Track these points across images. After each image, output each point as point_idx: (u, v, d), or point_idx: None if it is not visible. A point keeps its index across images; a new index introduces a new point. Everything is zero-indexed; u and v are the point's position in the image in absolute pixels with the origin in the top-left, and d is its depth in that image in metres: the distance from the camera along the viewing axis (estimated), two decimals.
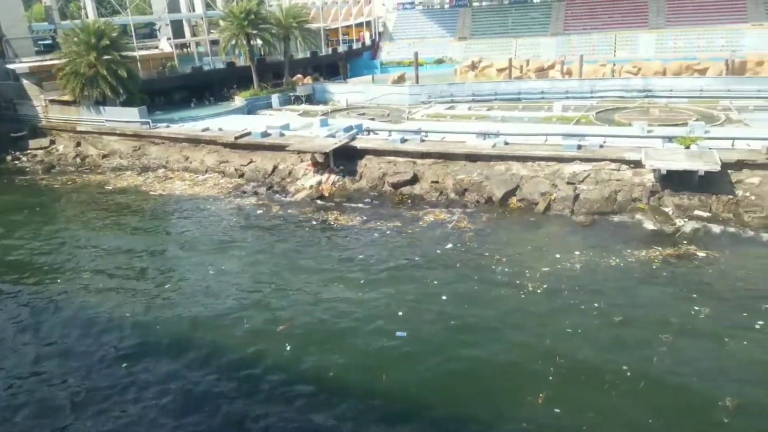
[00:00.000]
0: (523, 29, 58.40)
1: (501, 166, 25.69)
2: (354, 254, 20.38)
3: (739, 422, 11.59)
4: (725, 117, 30.29)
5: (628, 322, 15.20)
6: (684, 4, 54.06)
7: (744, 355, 13.58)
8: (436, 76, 49.11)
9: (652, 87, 37.47)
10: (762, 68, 40.24)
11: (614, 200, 22.46)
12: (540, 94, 39.37)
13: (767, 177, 21.91)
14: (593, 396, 12.64)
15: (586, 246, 19.68)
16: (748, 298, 15.84)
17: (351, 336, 15.45)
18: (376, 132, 30.91)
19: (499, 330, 15.28)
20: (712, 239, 19.56)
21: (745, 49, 46.62)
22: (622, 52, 51.69)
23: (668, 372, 13.21)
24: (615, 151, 24.64)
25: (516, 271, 18.26)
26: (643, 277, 17.48)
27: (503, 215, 23.13)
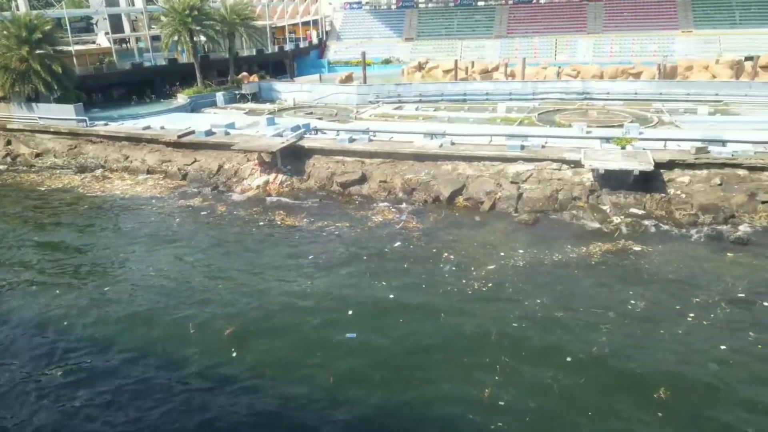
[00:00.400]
0: (468, 31, 59.53)
1: (448, 166, 26.11)
2: (302, 254, 20.25)
3: (673, 403, 12.24)
4: (658, 119, 31.82)
5: (570, 314, 15.79)
6: (620, 11, 56.50)
7: (677, 342, 14.33)
8: (384, 76, 49.33)
9: (591, 90, 38.92)
10: (691, 73, 42.48)
11: (556, 199, 23.21)
12: (485, 95, 40.20)
13: (696, 176, 23.19)
14: (537, 385, 13.05)
15: (529, 243, 20.27)
16: (680, 290, 16.74)
17: (299, 337, 15.34)
18: (324, 131, 30.79)
19: (448, 326, 15.53)
20: (647, 235, 20.54)
21: (676, 54, 49.19)
22: (562, 55, 53.48)
23: (607, 359, 13.83)
24: (556, 151, 25.48)
25: (463, 268, 18.62)
26: (583, 271, 18.17)
27: (450, 214, 23.51)
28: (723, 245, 19.52)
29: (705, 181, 22.87)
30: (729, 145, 24.21)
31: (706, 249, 19.38)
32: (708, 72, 42.26)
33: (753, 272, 17.54)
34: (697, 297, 16.25)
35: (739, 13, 52.62)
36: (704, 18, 53.28)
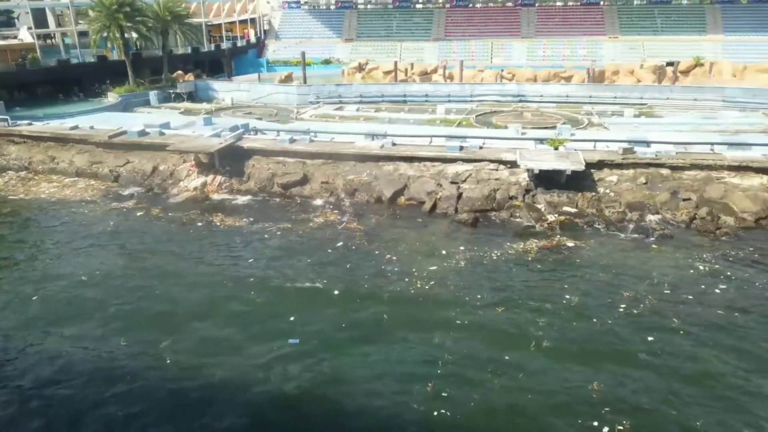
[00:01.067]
0: (407, 33, 60.20)
1: (389, 167, 26.31)
2: (243, 257, 19.89)
3: (607, 391, 12.84)
4: (588, 121, 33.27)
5: (510, 309, 16.28)
6: (551, 17, 58.67)
7: (609, 332, 15.05)
8: (324, 77, 49.15)
9: (525, 92, 40.23)
10: (617, 77, 44.71)
11: (494, 198, 23.85)
12: (424, 96, 40.79)
13: (623, 175, 24.43)
14: (479, 382, 13.37)
15: (469, 241, 20.73)
16: (611, 283, 17.58)
17: (241, 343, 15.05)
18: (263, 132, 30.34)
19: (391, 327, 15.65)
20: (579, 232, 21.44)
21: (604, 59, 51.59)
22: (497, 58, 54.97)
23: (545, 351, 14.35)
24: (493, 152, 26.18)
25: (405, 268, 18.81)
26: (521, 267, 18.78)
27: (393, 214, 23.70)
28: (649, 240, 20.64)
29: (632, 180, 24.13)
30: (653, 146, 25.66)
31: (634, 244, 20.44)
32: (633, 76, 44.63)
33: (676, 265, 18.66)
34: (626, 289, 17.12)
35: (660, 21, 55.79)
36: (629, 25, 56.16)
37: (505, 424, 12.28)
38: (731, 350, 14.27)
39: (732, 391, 12.89)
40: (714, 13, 55.22)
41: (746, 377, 13.31)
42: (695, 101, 37.07)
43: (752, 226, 21.40)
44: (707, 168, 24.12)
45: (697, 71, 45.63)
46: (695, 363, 13.85)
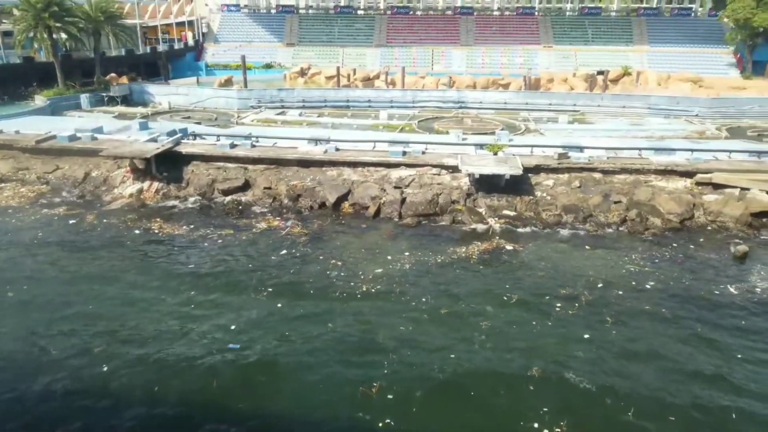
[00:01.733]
0: (349, 39, 60.39)
1: (333, 172, 26.30)
2: (182, 264, 19.34)
3: (543, 389, 13.30)
4: (525, 127, 34.41)
5: (453, 310, 16.60)
6: (488, 26, 60.34)
7: (547, 332, 15.60)
8: (266, 81, 48.57)
9: (465, 99, 41.20)
10: (552, 84, 46.49)
11: (436, 203, 24.25)
12: (367, 102, 41.04)
13: (559, 180, 25.41)
14: (422, 382, 13.56)
15: (414, 246, 20.99)
16: (548, 283, 18.22)
17: (180, 353, 14.63)
18: (203, 137, 29.69)
19: (335, 332, 15.62)
20: (518, 235, 22.11)
21: (539, 67, 53.50)
22: (438, 65, 55.99)
23: (487, 350, 14.72)
24: (435, 157, 26.65)
25: (351, 274, 18.84)
26: (464, 270, 19.17)
27: (337, 220, 23.68)
28: (583, 242, 21.54)
29: (567, 184, 25.13)
30: (586, 151, 26.85)
31: (570, 245, 21.28)
32: (567, 84, 46.52)
33: (609, 265, 19.55)
34: (563, 289, 17.79)
35: (591, 32, 58.42)
36: (562, 35, 58.50)
37: (450, 422, 12.50)
38: (659, 339, 15.12)
39: (662, 375, 13.64)
40: (640, 25, 58.35)
41: (674, 364, 14.12)
42: (624, 108, 39.04)
43: (677, 227, 22.71)
44: (636, 172, 25.44)
45: (625, 80, 48.09)
46: (627, 354, 14.56)
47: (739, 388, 13.33)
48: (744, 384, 13.48)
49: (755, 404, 12.84)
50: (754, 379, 13.68)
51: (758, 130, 33.51)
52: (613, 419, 12.47)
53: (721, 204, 23.43)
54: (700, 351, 14.77)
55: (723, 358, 14.46)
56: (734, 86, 45.73)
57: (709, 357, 14.50)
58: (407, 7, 63.81)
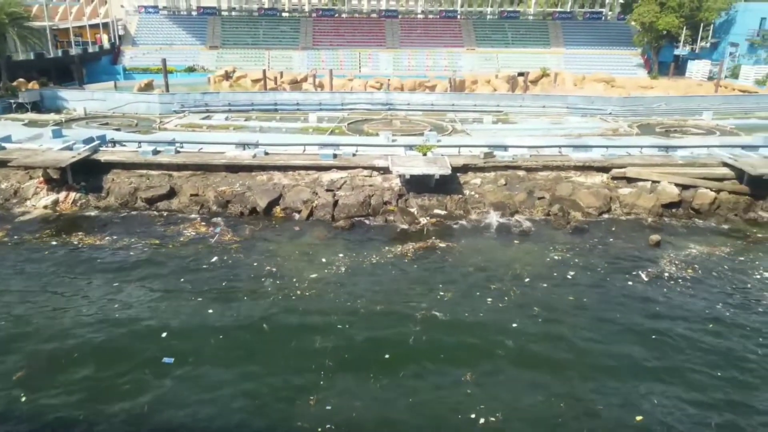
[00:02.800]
0: (275, 42, 59.59)
1: (263, 176, 25.88)
2: (107, 276, 18.45)
3: (480, 379, 13.67)
4: (452, 128, 35.20)
5: (389, 309, 16.78)
6: (413, 29, 61.29)
7: (479, 324, 16.06)
8: (189, 85, 47.13)
9: (393, 101, 41.60)
10: (476, 86, 47.89)
11: (369, 204, 24.39)
12: (295, 105, 40.63)
13: (486, 178, 26.20)
14: (360, 387, 13.62)
15: (348, 248, 21.02)
16: (479, 278, 18.79)
17: (110, 368, 13.96)
18: (123, 143, 28.44)
19: (271, 337, 15.42)
20: (450, 232, 22.62)
21: (463, 69, 54.91)
22: (366, 68, 56.30)
23: (422, 347, 15.02)
24: (366, 159, 26.80)
25: (285, 278, 18.62)
26: (398, 269, 19.41)
27: (269, 225, 23.32)
28: (511, 237, 22.33)
29: (493, 182, 25.95)
30: (510, 150, 27.82)
31: (498, 241, 22.01)
32: (490, 85, 48.07)
33: (535, 258, 20.39)
34: (493, 283, 18.39)
35: (511, 35, 60.60)
36: (484, 38, 60.32)
37: (388, 421, 12.62)
38: (581, 327, 15.97)
39: (585, 362, 14.41)
40: (555, 28, 61.12)
41: (596, 349, 14.95)
42: (544, 108, 40.72)
43: (596, 220, 23.99)
44: (557, 168, 26.64)
45: (544, 81, 50.28)
46: (553, 342, 15.27)
47: (650, 369, 14.30)
48: (653, 364, 14.48)
49: (665, 379, 13.79)
50: (661, 357, 14.71)
51: (665, 126, 35.93)
52: (543, 409, 13.03)
53: (634, 197, 24.96)
54: (618, 336, 15.72)
55: (638, 342, 15.44)
56: (643, 86, 48.80)
57: (625, 342, 15.44)
58: (332, 10, 63.76)
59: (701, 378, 13.95)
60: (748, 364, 14.46)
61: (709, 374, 14.07)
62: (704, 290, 18.14)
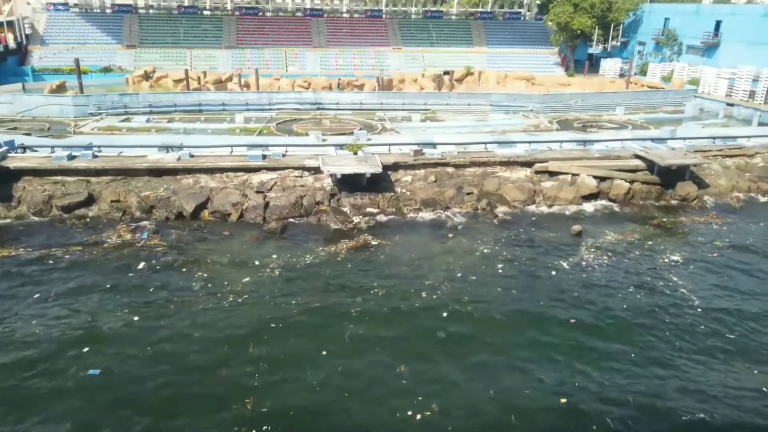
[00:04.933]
0: (197, 41, 57.78)
1: (189, 180, 25.10)
2: (24, 288, 17.31)
3: (411, 380, 13.94)
4: (381, 126, 35.50)
5: (323, 308, 16.79)
6: (339, 28, 61.22)
7: (410, 319, 16.35)
8: (105, 86, 44.91)
9: (322, 100, 41.42)
10: (404, 85, 48.45)
11: (301, 205, 24.18)
12: (221, 105, 39.64)
13: (417, 175, 26.61)
14: (297, 385, 13.56)
15: (281, 249, 20.77)
16: (413, 274, 19.11)
17: (33, 381, 13.14)
18: (34, 149, 26.67)
19: (203, 344, 15.01)
20: (382, 230, 22.82)
21: (390, 68, 55.41)
22: (293, 67, 55.68)
23: (357, 343, 15.19)
24: (297, 159, 26.56)
25: (216, 283, 18.18)
26: (332, 269, 19.39)
27: (197, 229, 22.64)
28: (442, 232, 22.81)
29: (423, 179, 26.41)
30: (439, 147, 28.37)
31: (430, 237, 22.43)
32: (417, 84, 48.78)
33: (465, 252, 20.94)
34: (426, 278, 18.75)
35: (435, 35, 61.73)
36: (409, 37, 61.12)
37: (325, 419, 12.63)
38: (509, 317, 16.63)
39: (512, 351, 15.00)
40: (478, 28, 62.83)
41: (523, 338, 15.61)
42: (469, 106, 41.82)
43: (521, 213, 24.93)
44: (483, 164, 27.46)
45: (468, 79, 51.59)
46: (483, 332, 15.80)
47: (572, 353, 15.10)
48: (575, 348, 15.30)
49: (587, 361, 14.60)
50: (581, 341, 15.56)
51: (582, 121, 37.82)
52: (473, 396, 13.46)
53: (556, 189, 26.13)
54: (543, 323, 16.48)
55: (562, 328, 16.26)
56: (561, 83, 51.09)
57: (550, 329, 16.22)
58: (256, 8, 62.55)
59: (618, 357, 14.89)
60: (659, 343, 15.54)
61: (626, 354, 15.02)
62: (619, 275, 19.31)
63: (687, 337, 15.79)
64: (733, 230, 23.21)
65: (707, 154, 29.10)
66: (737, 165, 29.03)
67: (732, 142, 31.26)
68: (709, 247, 21.55)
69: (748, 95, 40.75)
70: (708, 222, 23.94)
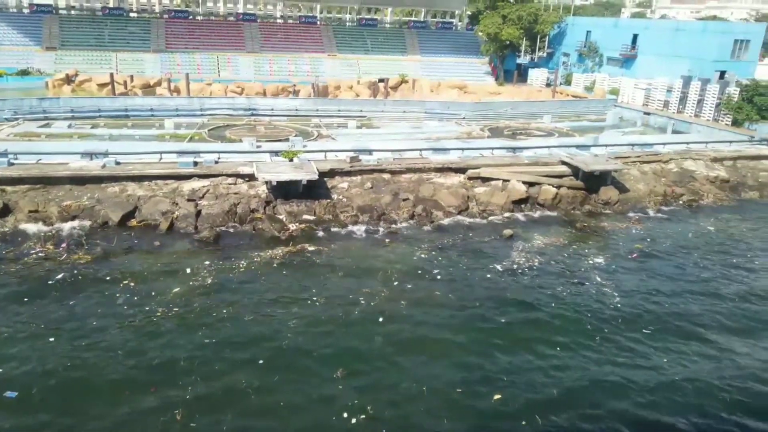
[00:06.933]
0: (123, 43, 55.54)
1: (115, 188, 24.07)
2: None
3: (347, 386, 13.95)
4: (317, 133, 35.36)
5: (259, 319, 16.51)
6: (273, 33, 60.55)
7: (351, 326, 16.35)
8: (23, 90, 42.35)
9: (256, 106, 40.80)
10: (339, 91, 48.52)
11: (235, 213, 23.68)
12: (149, 111, 38.29)
13: (353, 182, 26.67)
14: (230, 396, 13.27)
15: (215, 259, 20.24)
16: (350, 281, 19.11)
17: None
18: None
19: (129, 360, 14.39)
20: (320, 238, 22.69)
21: (325, 74, 55.29)
22: (225, 72, 54.54)
23: (296, 351, 15.06)
24: (230, 166, 26.01)
25: (146, 294, 17.50)
26: (268, 277, 19.10)
27: (124, 239, 21.70)
28: (379, 239, 22.95)
29: (360, 185, 26.50)
30: (375, 154, 28.58)
31: (367, 243, 22.51)
32: (353, 91, 48.97)
33: (402, 258, 21.16)
34: (364, 285, 18.79)
35: (370, 42, 62.19)
36: (345, 44, 61.27)
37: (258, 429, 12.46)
38: (445, 319, 16.96)
39: (447, 351, 15.32)
40: (411, 36, 63.81)
41: (457, 339, 15.95)
42: (404, 113, 42.36)
43: (456, 218, 25.43)
44: (419, 171, 27.88)
45: (403, 87, 52.29)
46: (419, 335, 16.08)
47: (503, 350, 15.59)
48: (506, 347, 15.81)
49: (517, 358, 15.12)
50: (512, 340, 16.09)
51: (512, 129, 39.13)
52: (408, 397, 13.63)
53: (489, 195, 26.88)
54: (476, 323, 16.92)
55: (494, 328, 16.76)
56: (491, 92, 52.68)
57: (483, 329, 16.68)
58: (186, 11, 60.87)
59: (546, 353, 15.49)
60: (585, 340, 16.29)
61: (554, 350, 15.64)
62: (547, 276, 20.10)
63: (606, 330, 16.72)
64: (650, 233, 24.65)
65: (627, 160, 30.78)
66: (654, 170, 30.87)
67: (649, 149, 33.23)
68: (629, 249, 22.78)
69: (663, 105, 43.52)
70: (629, 227, 25.29)
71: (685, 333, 16.83)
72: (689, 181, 30.32)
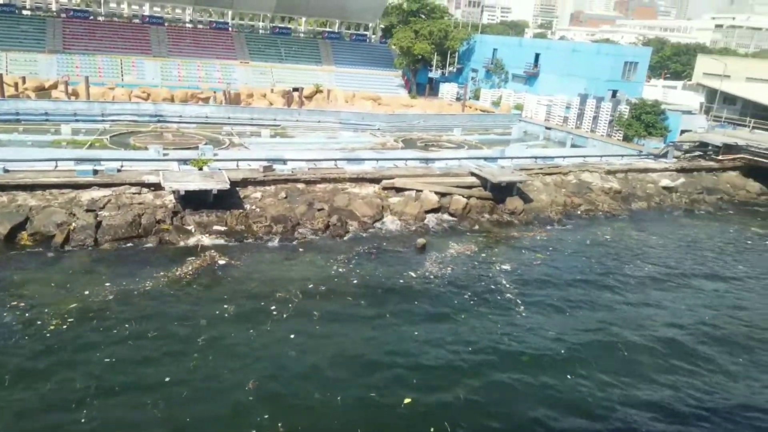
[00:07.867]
0: (14, 43, 51.38)
1: (3, 197, 22.16)
2: None
3: (258, 397, 13.69)
4: (229, 141, 34.46)
5: (164, 336, 15.79)
6: (182, 38, 58.44)
7: (264, 337, 16.03)
8: None
9: (164, 112, 39.11)
10: (252, 99, 47.59)
11: (139, 224, 22.49)
12: (44, 115, 35.68)
13: (267, 192, 26.19)
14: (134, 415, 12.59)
15: (116, 274, 19.08)
16: (263, 292, 18.73)
17: None
18: None
19: (17, 391, 13.27)
20: (231, 249, 22.02)
21: (238, 82, 54.03)
22: (129, 76, 51.89)
23: (203, 368, 14.57)
24: (134, 174, 24.73)
25: (36, 313, 16.21)
26: (176, 292, 18.29)
27: (13, 254, 19.98)
28: (293, 249, 22.66)
29: (274, 195, 26.07)
30: (289, 164, 28.26)
31: (281, 254, 22.15)
32: (266, 99, 48.20)
33: (316, 268, 21.02)
34: (278, 295, 18.47)
35: (284, 51, 61.57)
36: (258, 52, 60.24)
37: None
38: (357, 328, 17.07)
39: (358, 359, 15.44)
40: (326, 47, 63.88)
41: (369, 347, 16.09)
42: (319, 123, 42.28)
43: (371, 228, 25.65)
44: (334, 181, 27.87)
45: (318, 97, 52.14)
46: (332, 344, 16.07)
47: (414, 356, 15.95)
48: (417, 353, 16.19)
49: (426, 364, 15.48)
50: (423, 347, 16.48)
51: (425, 141, 40.13)
52: (321, 405, 13.61)
53: (402, 205, 27.34)
54: (388, 331, 17.21)
55: (406, 335, 17.06)
56: (405, 104, 53.74)
57: (394, 336, 16.97)
58: (86, 12, 57.34)
59: (455, 359, 15.98)
60: (497, 345, 16.96)
61: (465, 355, 16.16)
62: (458, 284, 20.71)
63: (508, 329, 17.73)
64: (552, 240, 26.09)
65: (530, 172, 32.46)
66: (555, 182, 32.76)
67: (550, 162, 35.23)
68: (533, 257, 23.99)
69: (563, 120, 46.37)
70: (534, 236, 26.62)
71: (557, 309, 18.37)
72: (586, 192, 32.42)
